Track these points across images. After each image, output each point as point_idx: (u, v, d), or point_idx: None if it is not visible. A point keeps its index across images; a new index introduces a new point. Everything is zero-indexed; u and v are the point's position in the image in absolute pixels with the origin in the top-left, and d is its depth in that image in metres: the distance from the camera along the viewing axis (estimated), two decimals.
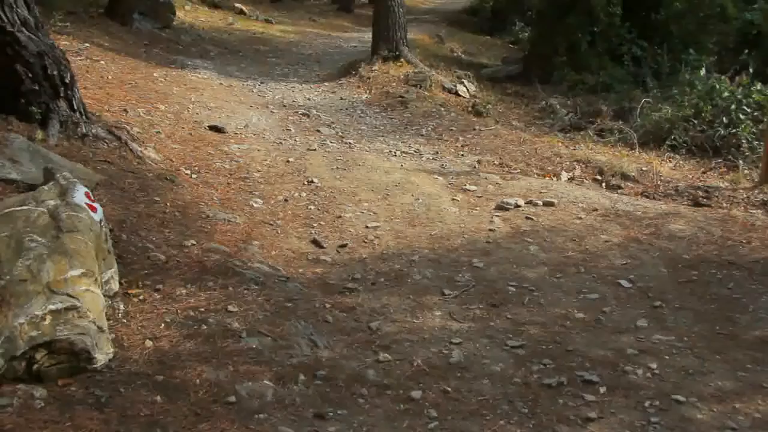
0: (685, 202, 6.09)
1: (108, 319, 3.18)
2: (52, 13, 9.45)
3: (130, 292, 3.52)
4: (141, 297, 3.51)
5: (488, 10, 23.53)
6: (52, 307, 2.89)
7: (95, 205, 3.47)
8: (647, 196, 6.26)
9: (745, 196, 6.21)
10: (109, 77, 7.78)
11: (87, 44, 8.89)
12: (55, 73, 5.02)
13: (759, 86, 7.89)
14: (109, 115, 6.11)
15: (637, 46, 11.33)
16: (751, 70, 8.37)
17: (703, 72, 8.95)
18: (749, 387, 3.27)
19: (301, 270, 4.38)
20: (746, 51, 10.64)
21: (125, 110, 6.59)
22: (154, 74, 8.60)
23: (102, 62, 8.32)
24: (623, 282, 4.37)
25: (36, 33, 4.97)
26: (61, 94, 5.07)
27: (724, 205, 6.01)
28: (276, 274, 4.15)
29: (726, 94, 7.87)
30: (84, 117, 5.26)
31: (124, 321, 3.32)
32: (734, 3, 11.82)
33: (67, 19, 9.75)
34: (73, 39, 8.89)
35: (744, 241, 4.99)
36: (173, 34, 12.25)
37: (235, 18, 16.18)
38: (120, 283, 3.51)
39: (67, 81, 5.11)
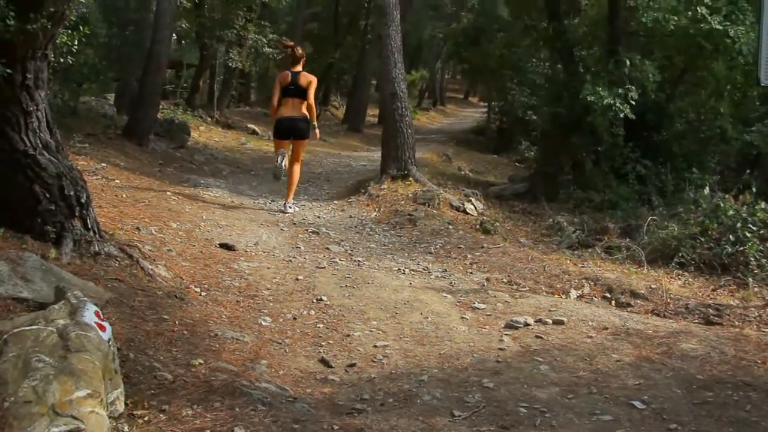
0: (697, 321, 6.03)
1: None
2: (73, 135, 9.79)
3: (135, 413, 3.47)
4: (146, 418, 3.45)
5: (494, 130, 24.21)
6: (55, 429, 2.84)
7: (104, 324, 3.48)
8: (658, 315, 6.21)
9: (756, 314, 6.15)
10: (124, 196, 7.96)
11: (104, 164, 9.16)
12: (72, 193, 5.15)
13: (763, 205, 7.97)
14: (121, 233, 6.21)
15: (641, 165, 11.56)
16: (753, 189, 8.48)
17: (707, 190, 9.07)
18: None
19: (309, 390, 4.32)
20: (748, 171, 10.83)
21: (138, 228, 6.70)
22: (168, 193, 8.79)
23: (117, 181, 8.54)
24: (636, 403, 4.27)
25: (56, 155, 5.14)
26: (77, 214, 5.18)
27: (736, 323, 5.95)
28: (284, 395, 4.09)
29: (731, 212, 7.94)
30: (97, 235, 5.35)
31: None
32: (733, 125, 12.15)
33: (86, 140, 10.10)
34: (90, 159, 9.16)
35: (759, 362, 4.91)
36: (187, 153, 12.62)
37: (248, 138, 16.69)
38: (125, 404, 3.46)
39: (83, 201, 5.23)
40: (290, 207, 9.07)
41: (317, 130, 9.24)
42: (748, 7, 10.61)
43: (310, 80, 8.74)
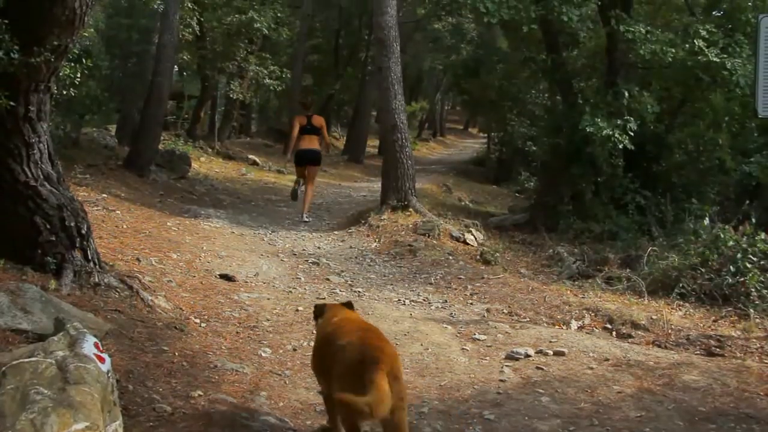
0: (698, 352, 6.00)
1: None
2: (74, 166, 9.82)
3: None
4: None
5: (494, 161, 24.31)
6: None
7: (104, 355, 3.47)
8: (659, 346, 6.18)
9: (758, 345, 6.12)
10: (124, 226, 7.97)
11: (104, 195, 9.18)
12: (73, 224, 5.16)
13: (763, 235, 7.97)
14: (122, 264, 6.21)
15: (640, 195, 11.59)
16: (753, 220, 8.49)
17: (706, 221, 9.08)
18: None
19: (309, 422, 4.29)
20: (747, 201, 10.85)
21: (138, 259, 6.70)
22: (168, 223, 8.81)
23: (118, 212, 8.55)
24: None
25: (57, 187, 5.16)
26: (77, 245, 5.19)
27: (738, 354, 5.91)
28: (283, 427, 4.06)
29: (731, 243, 7.94)
30: (97, 266, 5.36)
31: None
32: (732, 156, 12.20)
33: (87, 171, 10.14)
34: (91, 190, 9.19)
35: (761, 393, 4.88)
36: (188, 184, 12.65)
37: (249, 168, 16.75)
38: None
39: (83, 232, 5.24)
40: (307, 217, 11.09)
41: (329, 148, 12.61)
42: (745, 40, 10.72)
43: (321, 122, 11.29)
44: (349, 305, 4.23)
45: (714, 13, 13.84)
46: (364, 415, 3.18)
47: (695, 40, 10.61)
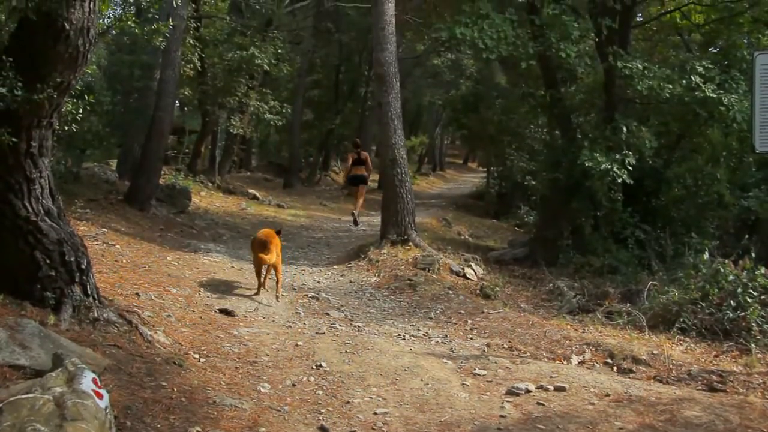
0: (700, 387, 5.96)
1: None
2: (74, 200, 9.85)
3: None
4: None
5: (493, 195, 24.37)
6: None
7: (102, 391, 3.45)
8: (660, 381, 6.14)
9: (761, 381, 6.07)
10: (124, 261, 7.97)
11: (104, 229, 9.19)
12: (73, 259, 5.17)
13: (763, 270, 7.95)
14: (121, 299, 6.20)
15: (640, 229, 11.61)
16: (753, 254, 8.48)
17: (706, 255, 9.06)
18: None
19: None
20: (747, 236, 10.85)
21: (137, 294, 6.70)
22: (168, 258, 8.81)
23: (118, 246, 8.56)
24: None
25: (58, 222, 5.18)
26: (77, 280, 5.19)
27: (740, 390, 5.87)
28: None
29: (731, 277, 7.91)
30: (97, 301, 5.35)
31: None
32: (730, 191, 12.25)
33: (87, 205, 10.16)
34: (91, 224, 9.20)
35: (765, 430, 4.83)
36: (188, 218, 12.67)
37: (249, 203, 16.79)
38: None
39: (83, 267, 5.24)
40: (357, 213, 14.21)
41: (368, 178, 14.92)
42: (741, 76, 10.83)
43: (366, 156, 14.04)
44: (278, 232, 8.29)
45: (710, 49, 14.03)
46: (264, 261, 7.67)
47: (692, 76, 10.72)
